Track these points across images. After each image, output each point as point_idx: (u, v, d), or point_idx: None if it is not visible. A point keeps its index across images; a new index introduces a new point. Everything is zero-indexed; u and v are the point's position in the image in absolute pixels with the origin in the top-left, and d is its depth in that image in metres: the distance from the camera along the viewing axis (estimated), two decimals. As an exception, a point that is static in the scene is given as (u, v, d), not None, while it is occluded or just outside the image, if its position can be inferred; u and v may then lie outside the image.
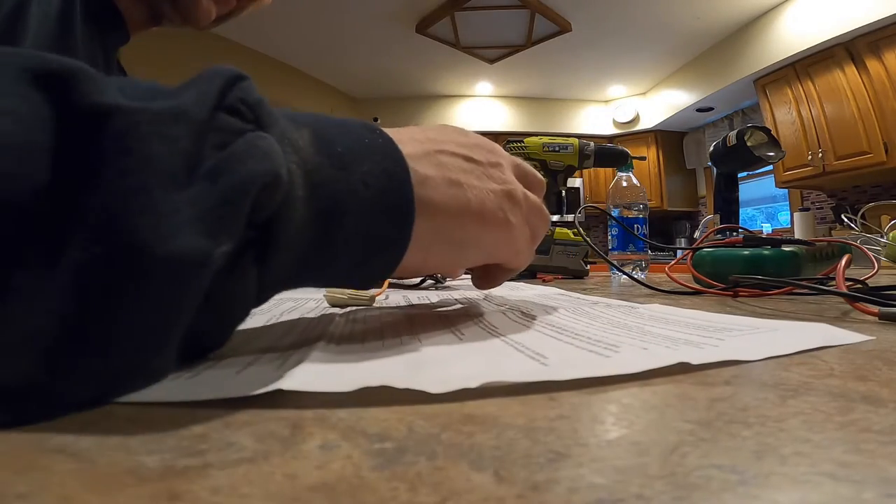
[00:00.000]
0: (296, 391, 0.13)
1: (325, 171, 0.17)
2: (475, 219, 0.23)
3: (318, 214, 0.17)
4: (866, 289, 0.37)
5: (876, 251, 0.95)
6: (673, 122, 4.19)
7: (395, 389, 0.13)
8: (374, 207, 0.18)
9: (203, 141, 0.13)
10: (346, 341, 0.20)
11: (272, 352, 0.18)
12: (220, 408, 0.12)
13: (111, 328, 0.11)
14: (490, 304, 0.35)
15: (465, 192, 0.22)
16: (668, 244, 3.74)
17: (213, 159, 0.13)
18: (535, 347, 0.19)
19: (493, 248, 0.25)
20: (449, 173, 0.22)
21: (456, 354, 0.18)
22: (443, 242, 0.22)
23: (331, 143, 0.18)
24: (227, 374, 0.15)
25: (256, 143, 0.14)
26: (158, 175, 0.12)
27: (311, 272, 0.18)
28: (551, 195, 0.85)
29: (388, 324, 0.25)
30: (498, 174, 0.25)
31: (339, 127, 0.19)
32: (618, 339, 0.21)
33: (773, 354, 0.18)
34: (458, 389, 0.13)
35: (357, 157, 0.18)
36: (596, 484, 0.08)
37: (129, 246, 0.11)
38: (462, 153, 0.23)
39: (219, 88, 0.14)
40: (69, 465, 0.09)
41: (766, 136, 0.73)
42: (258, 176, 0.14)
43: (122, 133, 0.12)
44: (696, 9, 3.00)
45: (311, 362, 0.16)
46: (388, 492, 0.08)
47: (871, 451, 0.10)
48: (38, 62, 0.12)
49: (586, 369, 0.15)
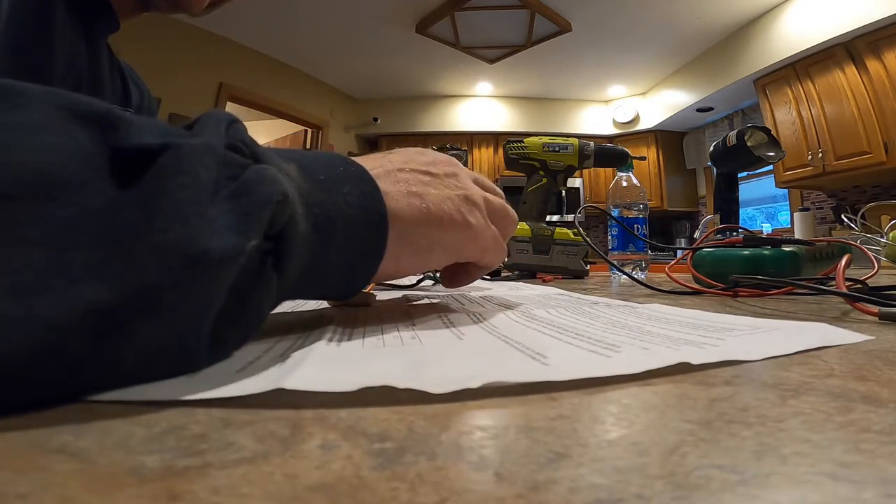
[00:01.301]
0: (296, 391, 0.13)
1: (315, 195, 0.20)
2: (435, 223, 0.26)
3: (315, 229, 0.19)
4: (866, 289, 0.37)
5: (876, 251, 0.95)
6: (673, 122, 4.19)
7: (396, 389, 0.13)
8: (356, 223, 0.21)
9: (220, 172, 0.16)
10: (346, 341, 0.20)
11: (273, 351, 0.18)
12: (220, 408, 0.12)
13: (170, 304, 0.13)
14: (490, 303, 0.35)
15: (423, 201, 0.25)
16: (668, 244, 3.75)
17: (229, 188, 0.16)
18: (536, 347, 0.19)
19: (458, 248, 0.28)
20: (408, 186, 0.25)
21: (456, 354, 0.18)
22: (409, 247, 0.25)
23: (314, 172, 0.21)
24: (228, 372, 0.15)
25: (263, 172, 0.17)
26: (203, 192, 0.15)
27: (309, 281, 0.21)
28: (551, 195, 0.85)
29: (388, 324, 0.25)
30: (454, 182, 0.28)
31: (317, 159, 0.22)
32: (618, 339, 0.21)
33: (773, 354, 0.18)
34: (458, 390, 0.13)
35: (337, 182, 0.21)
36: (596, 484, 0.08)
37: (190, 239, 0.14)
38: (419, 169, 0.27)
39: (224, 129, 0.17)
40: (69, 465, 0.09)
41: (766, 136, 0.73)
42: (272, 195, 0.16)
43: (177, 161, 0.14)
44: (697, 9, 3.00)
45: (313, 362, 0.16)
46: (388, 492, 0.08)
47: (871, 451, 0.10)
48: (76, 103, 0.14)
49: (587, 369, 0.15)
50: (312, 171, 0.21)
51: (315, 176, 0.21)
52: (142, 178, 0.14)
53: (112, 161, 0.14)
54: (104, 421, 0.12)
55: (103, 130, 0.14)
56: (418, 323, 0.25)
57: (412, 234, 0.25)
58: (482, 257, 0.30)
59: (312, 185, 0.20)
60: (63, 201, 0.12)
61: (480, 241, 0.28)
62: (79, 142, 0.13)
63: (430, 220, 0.25)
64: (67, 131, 0.13)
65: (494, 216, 0.30)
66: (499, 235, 0.30)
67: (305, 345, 0.19)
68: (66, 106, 0.14)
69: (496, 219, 0.30)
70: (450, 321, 0.26)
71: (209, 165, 0.15)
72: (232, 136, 0.17)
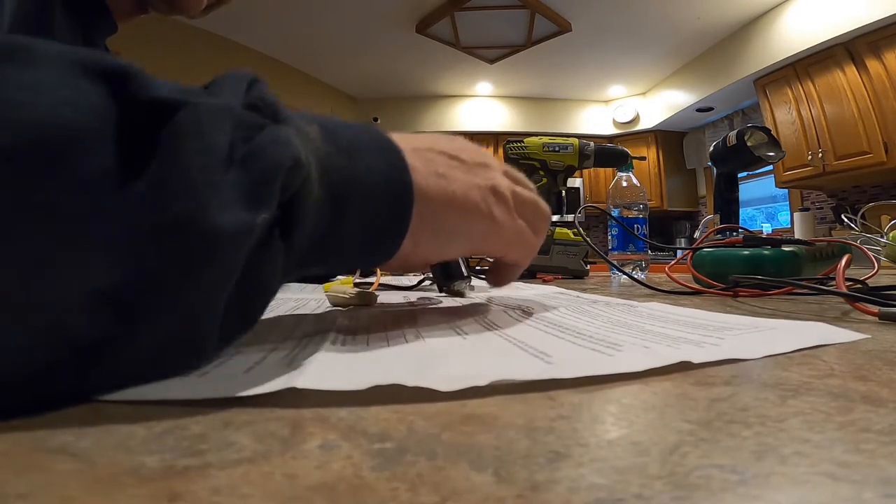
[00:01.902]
0: (296, 391, 0.13)
1: (333, 158, 0.19)
2: (459, 209, 0.24)
3: (331, 197, 0.18)
4: (866, 289, 0.37)
5: (876, 251, 0.95)
6: (673, 122, 4.19)
7: (396, 389, 0.13)
8: (378, 192, 0.20)
9: (236, 133, 0.15)
10: (351, 341, 0.20)
11: (279, 351, 0.18)
12: (221, 408, 0.12)
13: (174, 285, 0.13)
14: (491, 303, 0.35)
15: (449, 184, 0.24)
16: (668, 244, 3.75)
17: (242, 149, 0.15)
18: (539, 346, 0.19)
19: (479, 239, 0.26)
20: (436, 167, 0.24)
21: (461, 353, 0.18)
22: (430, 230, 0.23)
23: (337, 137, 0.20)
24: (236, 372, 0.15)
25: (277, 133, 0.16)
26: (216, 159, 0.14)
27: (323, 253, 0.19)
28: (551, 195, 0.85)
29: (391, 323, 0.25)
30: (482, 172, 0.26)
31: (342, 125, 0.21)
32: (619, 338, 0.21)
33: (774, 353, 0.18)
34: (465, 388, 0.13)
35: (360, 149, 0.20)
36: (596, 484, 0.08)
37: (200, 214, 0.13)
38: (449, 153, 0.25)
39: (244, 89, 0.17)
40: (69, 465, 0.09)
41: (766, 136, 0.73)
42: (283, 160, 0.15)
43: (193, 121, 0.14)
44: (697, 9, 3.00)
45: (321, 361, 0.16)
46: (388, 492, 0.08)
47: (871, 451, 0.10)
48: (88, 57, 0.13)
49: (590, 368, 0.15)
50: (335, 135, 0.20)
51: (337, 140, 0.19)
52: (156, 138, 0.13)
53: (125, 117, 0.13)
54: (104, 421, 0.12)
55: (117, 84, 0.13)
56: (421, 323, 0.25)
57: (436, 216, 0.23)
58: (507, 253, 0.28)
59: (333, 148, 0.19)
60: (72, 163, 0.12)
61: (504, 235, 0.27)
62: (90, 98, 0.13)
63: (456, 204, 0.24)
64: (79, 87, 0.13)
65: (524, 210, 0.28)
66: (527, 230, 0.28)
67: (310, 345, 0.19)
68: (78, 61, 0.13)
69: (525, 213, 0.28)
70: (452, 321, 0.26)
71: (225, 129, 0.15)
72: (252, 96, 0.17)
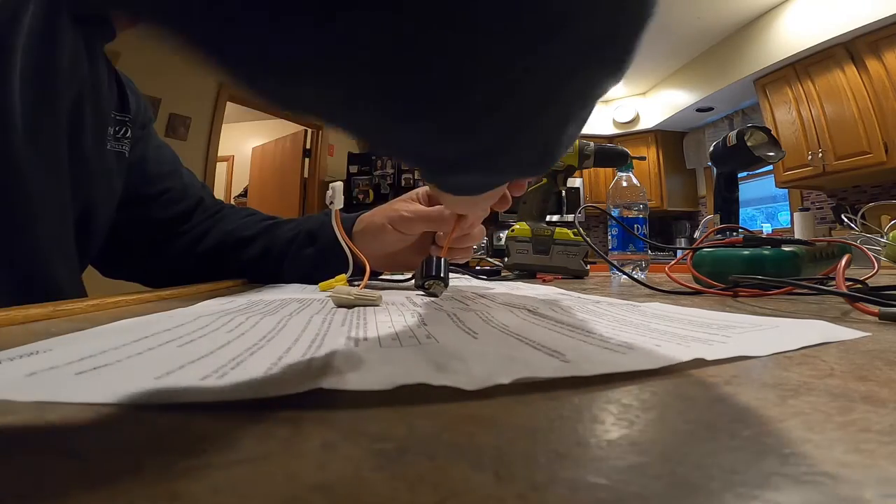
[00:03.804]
0: (295, 391, 0.13)
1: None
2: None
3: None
4: (866, 289, 0.37)
5: (876, 251, 0.95)
6: (673, 122, 4.19)
7: (396, 389, 0.13)
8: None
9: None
10: (363, 341, 0.20)
11: (292, 352, 0.18)
12: (221, 408, 0.12)
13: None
14: (494, 302, 0.35)
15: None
16: (668, 244, 3.74)
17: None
18: (552, 345, 0.19)
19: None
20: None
21: (475, 353, 0.18)
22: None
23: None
24: (256, 373, 0.15)
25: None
26: None
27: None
28: (551, 195, 0.85)
29: (400, 322, 0.25)
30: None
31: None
32: (628, 337, 0.21)
33: (781, 350, 0.19)
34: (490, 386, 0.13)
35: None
36: (596, 484, 0.08)
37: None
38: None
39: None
40: (69, 465, 0.09)
41: (766, 136, 0.73)
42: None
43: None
44: (697, 9, 3.00)
45: (340, 361, 0.16)
46: (388, 492, 0.08)
47: (871, 451, 0.10)
48: None
49: (607, 366, 0.15)
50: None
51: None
52: None
53: None
54: (104, 421, 0.12)
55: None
56: (429, 322, 0.25)
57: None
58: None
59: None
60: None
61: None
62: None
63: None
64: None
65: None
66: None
67: (323, 345, 0.19)
68: None
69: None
70: (459, 320, 0.26)
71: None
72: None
